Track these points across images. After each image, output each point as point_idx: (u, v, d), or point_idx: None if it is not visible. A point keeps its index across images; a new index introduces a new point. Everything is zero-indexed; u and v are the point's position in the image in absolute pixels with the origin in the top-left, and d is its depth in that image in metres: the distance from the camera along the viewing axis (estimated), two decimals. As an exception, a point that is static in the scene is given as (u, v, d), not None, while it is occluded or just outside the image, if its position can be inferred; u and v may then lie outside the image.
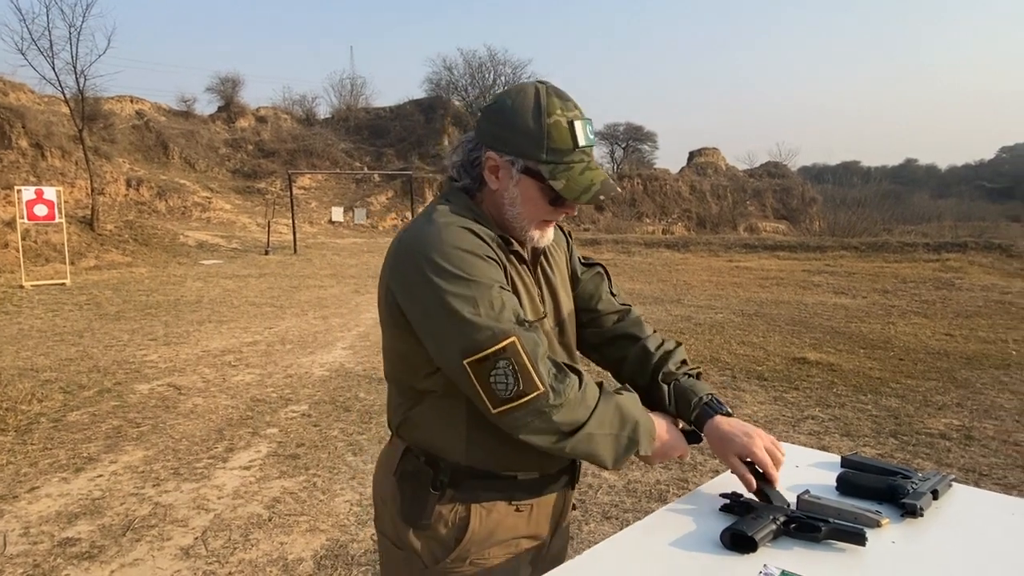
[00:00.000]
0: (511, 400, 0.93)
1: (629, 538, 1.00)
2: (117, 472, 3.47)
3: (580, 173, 1.03)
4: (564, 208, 1.08)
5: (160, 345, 6.49)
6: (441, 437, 1.06)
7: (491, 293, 0.95)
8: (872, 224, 22.38)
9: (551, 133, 1.02)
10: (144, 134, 25.04)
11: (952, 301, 9.46)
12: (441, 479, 1.05)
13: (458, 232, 1.00)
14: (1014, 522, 1.05)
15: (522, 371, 0.92)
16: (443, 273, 0.95)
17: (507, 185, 1.06)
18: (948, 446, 3.87)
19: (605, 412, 0.98)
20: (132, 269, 13.26)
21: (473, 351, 0.93)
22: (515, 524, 1.09)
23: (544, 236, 1.11)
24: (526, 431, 0.95)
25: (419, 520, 1.05)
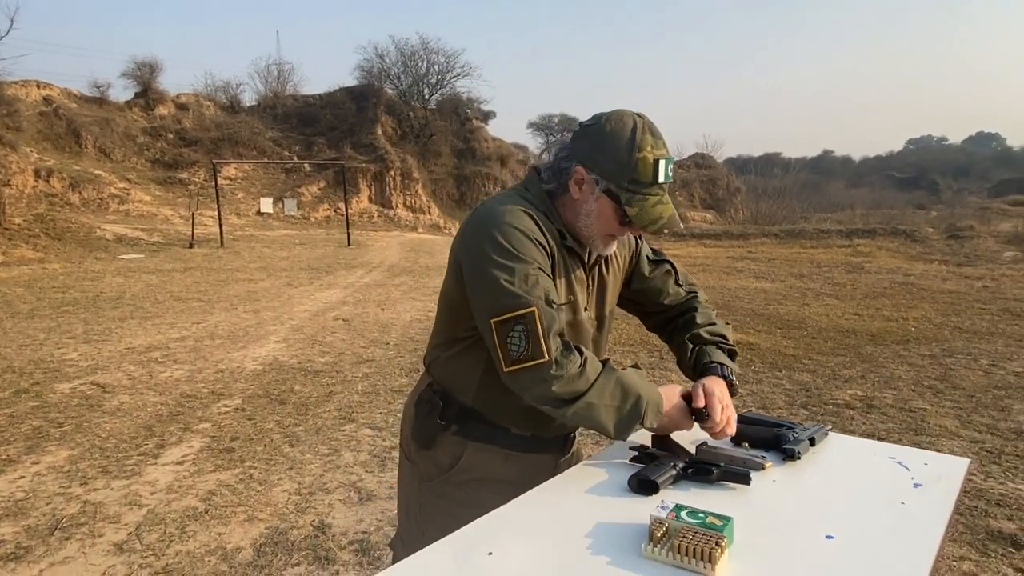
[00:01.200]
0: (520, 361, 1.08)
1: (549, 488, 1.12)
2: (40, 473, 3.35)
3: (653, 205, 1.17)
4: (631, 228, 1.22)
5: (80, 343, 6.21)
6: (458, 380, 1.26)
7: (528, 269, 1.10)
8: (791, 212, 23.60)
9: (638, 166, 1.15)
10: (53, 122, 23.49)
11: (861, 283, 10.16)
12: (449, 414, 1.24)
13: (519, 215, 1.15)
14: (875, 461, 1.23)
15: (534, 338, 1.07)
16: (495, 244, 1.11)
17: (587, 199, 1.20)
18: (852, 415, 4.22)
19: (606, 385, 1.11)
20: (45, 265, 12.51)
21: (499, 312, 1.09)
22: (501, 468, 1.26)
23: (608, 247, 1.26)
24: (530, 395, 1.11)
25: (425, 443, 1.27)
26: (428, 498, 1.29)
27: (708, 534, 0.87)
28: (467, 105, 33.96)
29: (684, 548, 0.86)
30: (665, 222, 1.18)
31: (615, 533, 0.95)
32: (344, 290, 9.88)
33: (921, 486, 1.13)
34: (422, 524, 1.28)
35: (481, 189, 31.00)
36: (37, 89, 24.54)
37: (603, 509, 1.03)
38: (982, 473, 3.27)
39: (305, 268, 12.65)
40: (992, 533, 2.69)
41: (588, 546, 0.92)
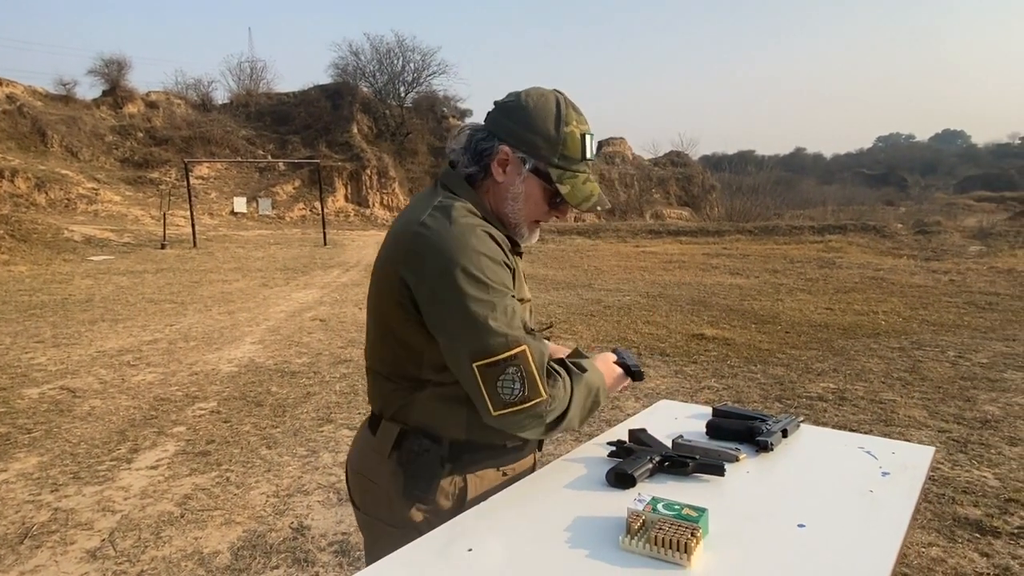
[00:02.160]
0: (514, 404, 0.99)
1: (528, 484, 1.13)
2: (8, 480, 3.27)
3: (583, 183, 1.13)
4: (558, 211, 1.16)
5: (48, 347, 6.07)
6: (443, 418, 1.11)
7: (506, 301, 1.01)
8: (765, 209, 23.94)
9: (566, 141, 1.10)
10: (17, 120, 22.88)
11: (833, 278, 10.35)
12: (442, 455, 1.10)
13: (481, 237, 1.04)
14: (845, 451, 1.27)
15: (529, 380, 0.99)
16: (468, 278, 0.99)
17: (513, 180, 1.12)
18: (824, 407, 4.30)
19: (579, 396, 1.07)
20: (10, 268, 12.19)
21: (485, 355, 0.98)
22: (501, 487, 1.17)
23: (533, 235, 1.18)
24: (521, 430, 1.03)
25: (425, 496, 1.10)
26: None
27: (684, 525, 0.89)
28: (444, 103, 33.85)
29: (660, 539, 0.87)
30: (596, 199, 1.14)
31: (593, 526, 0.96)
32: (321, 290, 9.79)
33: (889, 475, 1.16)
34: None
35: (458, 187, 30.89)
36: (0, 87, 23.87)
37: (581, 503, 1.05)
38: (949, 461, 3.37)
39: (281, 268, 12.51)
40: (959, 519, 2.77)
41: (567, 540, 0.93)
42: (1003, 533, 2.65)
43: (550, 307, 8.12)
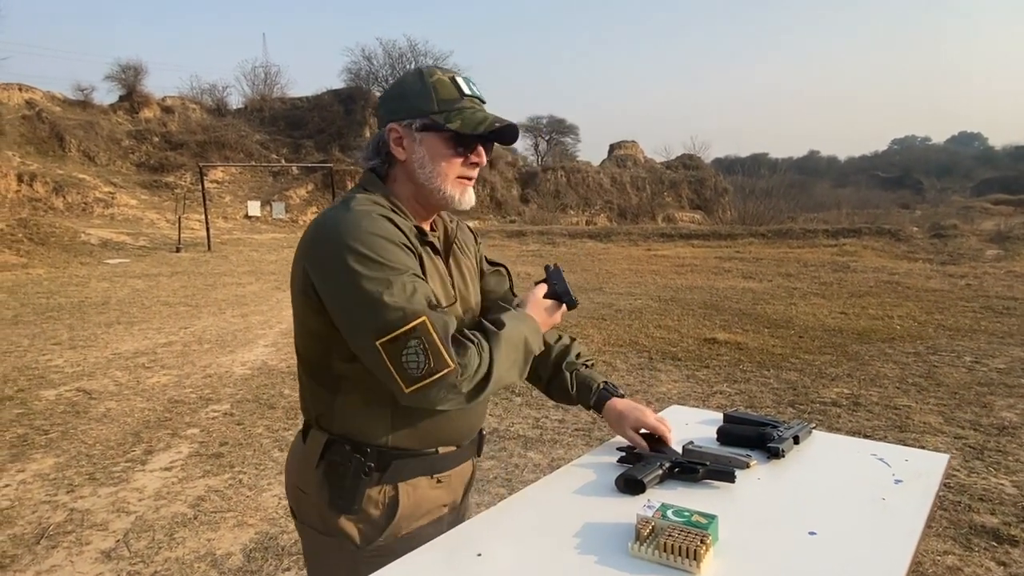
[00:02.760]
0: (423, 378, 0.97)
1: (538, 489, 1.13)
2: (26, 481, 3.32)
3: (473, 114, 1.10)
4: (470, 156, 1.13)
5: (65, 349, 6.15)
6: (366, 424, 1.09)
7: (404, 278, 1.00)
8: (778, 213, 23.75)
9: (437, 88, 1.10)
10: (36, 125, 23.23)
11: (847, 282, 10.26)
12: (368, 464, 1.08)
13: (376, 219, 1.04)
14: (857, 458, 1.26)
15: (432, 349, 0.97)
16: (360, 258, 0.99)
17: (413, 149, 1.12)
18: (839, 412, 4.26)
19: (500, 354, 1.04)
20: (28, 270, 12.37)
21: (385, 331, 0.97)
22: (437, 495, 1.17)
23: (464, 196, 1.15)
24: (441, 404, 1.01)
25: (351, 507, 1.08)
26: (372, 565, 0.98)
27: (693, 532, 0.89)
28: (455, 107, 33.91)
29: (670, 546, 0.87)
30: (491, 120, 1.10)
31: (603, 532, 0.96)
32: (333, 293, 9.84)
33: (902, 482, 1.15)
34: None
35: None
36: (19, 92, 24.26)
37: (591, 509, 1.05)
38: (965, 468, 3.32)
39: (293, 271, 12.58)
40: (975, 527, 2.73)
41: (576, 546, 0.93)
42: (1020, 542, 2.61)
43: (561, 311, 8.10)
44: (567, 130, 40.71)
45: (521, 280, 8.61)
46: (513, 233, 23.29)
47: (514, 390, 4.73)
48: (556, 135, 40.34)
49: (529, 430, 3.96)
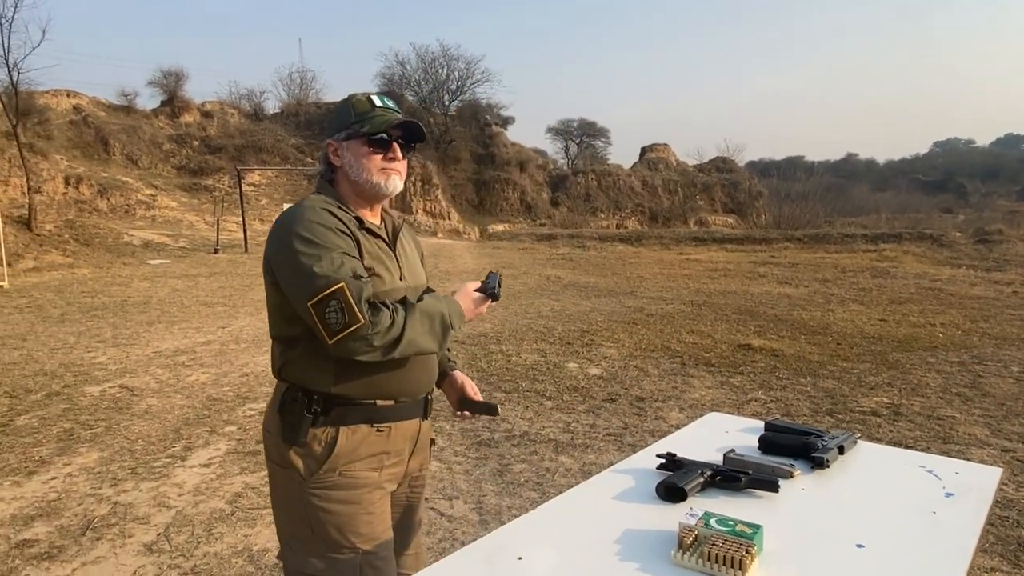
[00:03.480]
0: (341, 330, 1.20)
1: (577, 494, 1.12)
2: (72, 474, 3.42)
3: (382, 117, 1.38)
4: (386, 151, 1.39)
5: (109, 347, 6.34)
6: (313, 374, 1.32)
7: (333, 254, 1.24)
8: (815, 217, 23.30)
9: (355, 105, 1.40)
10: (82, 130, 24.04)
11: (887, 289, 10.00)
12: (315, 408, 1.31)
13: (318, 211, 1.30)
14: (905, 470, 1.22)
15: (348, 309, 1.20)
16: (300, 239, 1.25)
17: (344, 156, 1.40)
18: (878, 422, 4.15)
19: (413, 321, 1.27)
20: (74, 270, 12.80)
21: (314, 294, 1.21)
22: (376, 442, 1.36)
23: (389, 182, 1.41)
24: (358, 354, 1.23)
25: (297, 439, 1.30)
26: (313, 496, 1.31)
27: (738, 542, 0.87)
28: (487, 111, 34.11)
29: (714, 555, 0.86)
30: (394, 120, 1.38)
31: (644, 540, 0.95)
32: (365, 295, 9.96)
33: (953, 495, 1.11)
34: (311, 523, 1.31)
35: (500, 194, 31.10)
36: (67, 98, 25.15)
37: (631, 516, 1.04)
38: (1013, 482, 3.21)
39: (327, 273, 12.76)
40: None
41: (617, 552, 0.92)
42: (1074, 560, 2.50)
43: (591, 314, 8.07)
44: (598, 133, 40.57)
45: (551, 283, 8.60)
46: (543, 236, 23.28)
47: (545, 394, 4.73)
48: (587, 138, 40.23)
49: (560, 434, 3.94)
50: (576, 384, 5.00)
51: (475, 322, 7.70)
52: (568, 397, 4.68)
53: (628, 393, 4.76)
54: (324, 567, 1.30)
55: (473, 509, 2.99)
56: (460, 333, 1.34)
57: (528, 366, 5.55)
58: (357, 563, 1.31)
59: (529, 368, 5.48)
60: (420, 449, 1.49)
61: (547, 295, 9.94)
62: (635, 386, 4.94)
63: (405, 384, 1.39)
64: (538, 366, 5.55)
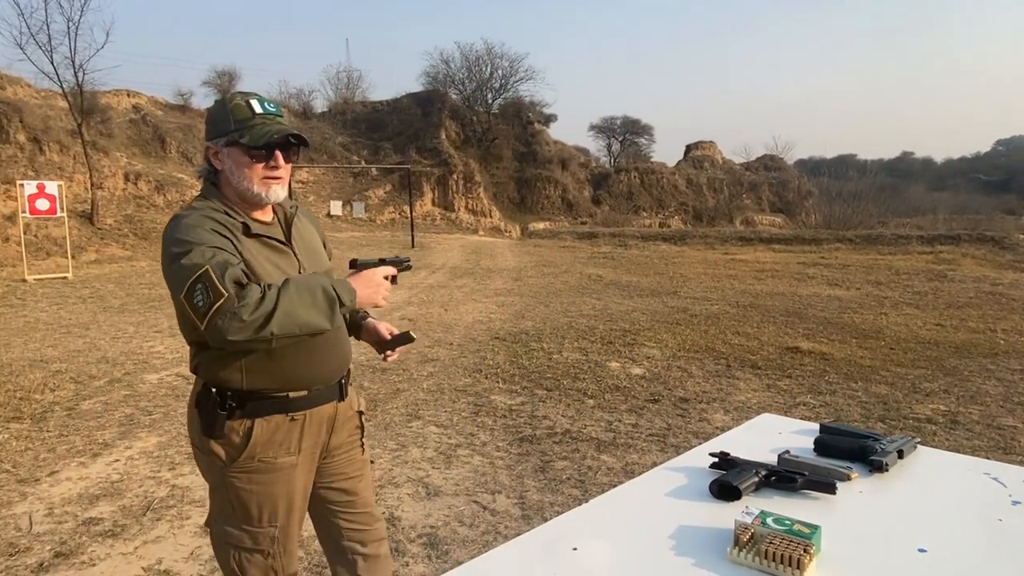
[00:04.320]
0: (208, 310, 1.20)
1: (629, 490, 1.13)
2: (133, 457, 3.59)
3: (260, 127, 1.38)
4: (267, 162, 1.40)
5: (166, 337, 6.60)
6: (225, 372, 1.37)
7: (201, 248, 1.26)
8: (867, 217, 22.57)
9: (234, 111, 1.39)
10: (141, 128, 25.03)
11: (944, 292, 9.62)
12: (229, 403, 1.37)
13: (195, 217, 1.33)
14: (968, 476, 1.19)
15: (212, 288, 1.21)
16: (175, 241, 1.29)
17: (225, 162, 1.41)
18: (934, 430, 4.01)
19: (288, 294, 1.24)
20: (133, 263, 13.34)
21: (182, 285, 1.23)
22: (291, 430, 1.44)
23: (270, 192, 1.42)
24: (230, 333, 1.20)
25: (214, 433, 1.39)
26: (235, 479, 1.42)
27: (796, 541, 0.87)
28: (529, 109, 34.12)
29: (771, 554, 0.86)
30: (274, 131, 1.37)
31: (698, 536, 0.96)
32: (409, 291, 10.10)
33: (1020, 503, 1.08)
34: (233, 502, 1.44)
35: (542, 192, 31.08)
36: (127, 98, 26.22)
37: (684, 512, 1.04)
38: (1082, 497, 3.06)
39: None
40: (1094, 562, 2.51)
41: (672, 547, 0.93)
42: None
43: (633, 314, 8.01)
44: (641, 130, 40.10)
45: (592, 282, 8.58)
46: (584, 235, 23.17)
47: (586, 393, 4.72)
48: (630, 135, 39.81)
49: (602, 433, 3.93)
50: (618, 383, 4.97)
51: (514, 320, 7.75)
52: (610, 396, 4.66)
53: (671, 394, 4.71)
54: (244, 537, 1.44)
55: (516, 504, 3.01)
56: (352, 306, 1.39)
57: (569, 364, 5.54)
58: (272, 534, 1.45)
59: (570, 366, 5.48)
60: (339, 427, 1.57)
61: (588, 294, 9.90)
62: (679, 387, 4.89)
63: (315, 373, 1.45)
64: (579, 365, 5.54)
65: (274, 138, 1.37)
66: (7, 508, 2.96)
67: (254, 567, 1.46)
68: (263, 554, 1.46)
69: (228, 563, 1.46)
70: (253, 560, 1.46)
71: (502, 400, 4.57)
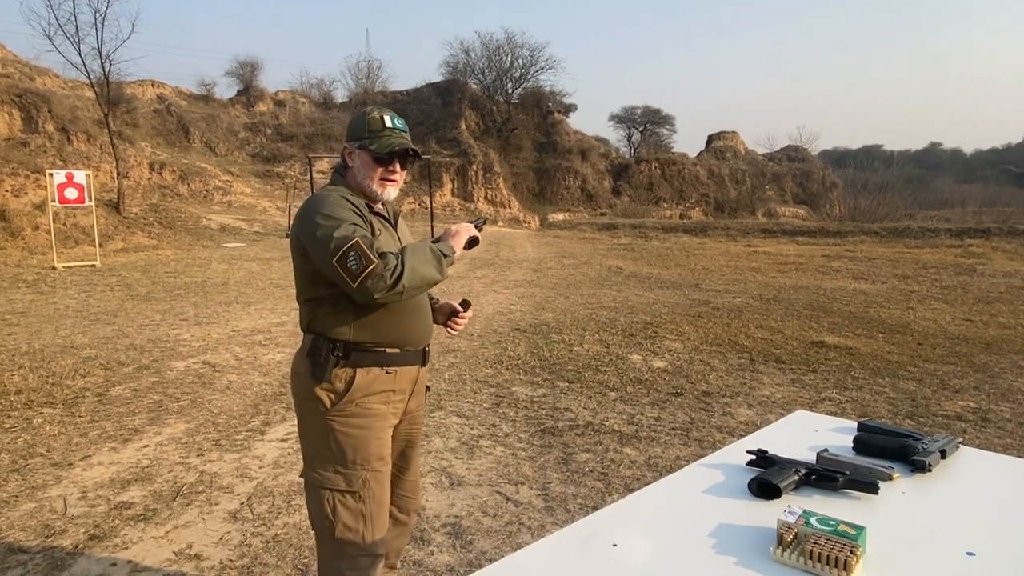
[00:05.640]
0: (360, 272, 1.49)
1: (666, 486, 1.12)
2: (162, 443, 3.65)
3: (387, 139, 1.69)
4: (388, 168, 1.71)
5: (192, 325, 6.70)
6: (338, 324, 1.64)
7: (346, 224, 1.54)
8: (893, 209, 22.15)
9: (369, 123, 1.71)
10: (166, 118, 25.32)
11: (973, 287, 9.42)
12: (337, 353, 1.63)
13: (335, 197, 1.62)
14: (1014, 477, 1.16)
15: (363, 256, 1.50)
16: (322, 215, 1.56)
17: (355, 160, 1.73)
18: (964, 427, 3.94)
19: (409, 256, 1.56)
20: (158, 251, 13.54)
21: (336, 252, 1.50)
22: (385, 381, 1.69)
23: (386, 191, 1.74)
24: (376, 291, 1.51)
25: (323, 377, 1.63)
26: (335, 422, 1.65)
27: (842, 542, 0.85)
28: (549, 99, 33.89)
29: (817, 554, 0.84)
30: (397, 143, 1.68)
31: (739, 535, 0.94)
32: (429, 281, 10.13)
33: (1070, 508, 1.05)
34: (331, 444, 1.65)
35: (561, 183, 30.92)
36: (152, 88, 26.52)
37: (724, 510, 1.03)
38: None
39: (391, 259, 13.04)
40: None
41: (712, 545, 0.92)
42: None
43: (654, 306, 7.95)
44: (662, 120, 39.64)
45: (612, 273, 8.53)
46: (604, 226, 23.05)
47: (608, 385, 4.70)
48: (651, 126, 39.39)
49: (624, 426, 3.92)
50: (640, 376, 4.95)
51: (534, 311, 7.74)
52: (632, 389, 4.64)
53: (694, 387, 4.68)
54: (339, 479, 1.64)
55: (539, 495, 3.02)
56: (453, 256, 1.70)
57: (591, 356, 5.53)
58: (364, 476, 1.65)
59: (591, 359, 5.46)
60: (418, 392, 1.84)
61: (609, 285, 9.85)
62: (701, 380, 4.86)
63: (409, 333, 1.72)
64: (600, 357, 5.52)
65: (396, 149, 1.68)
66: (42, 491, 3.03)
67: (346, 510, 1.64)
68: (355, 496, 1.64)
69: (322, 506, 1.65)
70: (346, 502, 1.64)
71: (523, 391, 4.57)
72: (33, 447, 3.53)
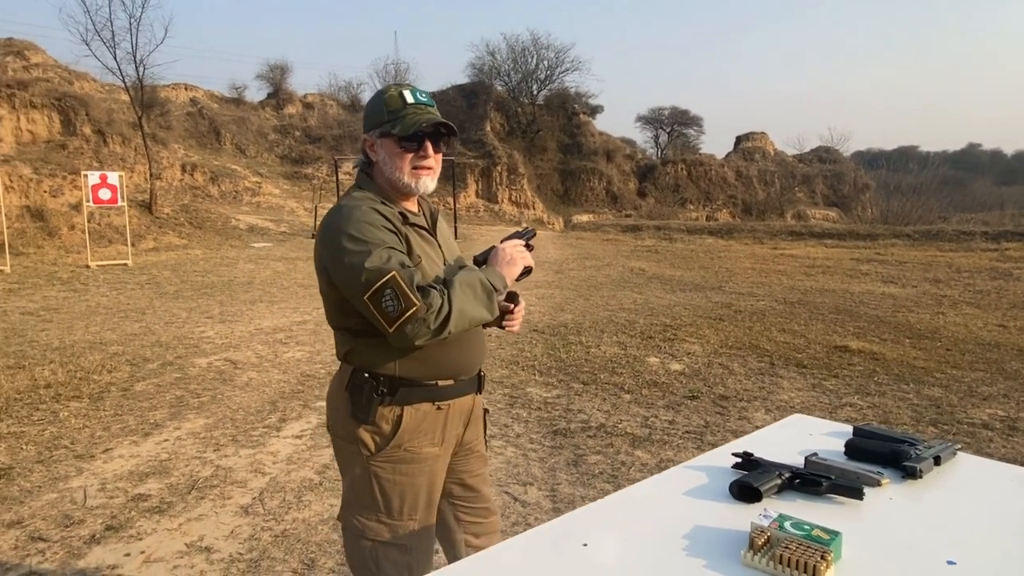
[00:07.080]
0: (399, 316, 1.26)
1: (647, 487, 1.11)
2: (181, 437, 3.73)
3: (410, 117, 1.39)
4: (418, 153, 1.41)
5: (216, 323, 6.83)
6: (378, 358, 1.40)
7: (380, 250, 1.30)
8: (927, 212, 21.61)
9: (387, 103, 1.41)
10: (198, 121, 25.90)
11: (1008, 292, 9.15)
12: (382, 389, 1.39)
13: (364, 210, 1.35)
14: (1007, 485, 1.12)
15: (402, 294, 1.26)
16: (349, 238, 1.31)
17: (379, 153, 1.44)
18: (990, 436, 3.83)
19: (456, 294, 1.32)
20: (188, 251, 13.84)
21: (367, 287, 1.27)
22: (437, 419, 1.45)
23: (421, 181, 1.44)
24: (417, 337, 1.29)
25: (366, 419, 1.40)
26: (380, 468, 1.42)
27: (813, 547, 0.84)
28: (575, 100, 33.82)
29: (786, 559, 0.83)
30: (425, 120, 1.39)
31: (713, 537, 0.93)
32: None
33: (1066, 518, 1.02)
34: (375, 492, 1.43)
35: (586, 184, 30.82)
36: (185, 91, 27.15)
37: (701, 512, 1.02)
38: None
39: (414, 259, 13.14)
40: None
41: (684, 547, 0.91)
42: None
43: (675, 308, 7.88)
44: (690, 121, 39.30)
45: (634, 275, 8.50)
46: (628, 228, 22.91)
47: (623, 387, 4.67)
48: (678, 127, 39.06)
49: (637, 428, 3.89)
50: (656, 379, 4.91)
51: (553, 312, 7.73)
52: (647, 391, 4.60)
53: (711, 391, 4.63)
54: (383, 530, 1.42)
55: (547, 496, 3.02)
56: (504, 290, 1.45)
57: (607, 358, 5.50)
58: (413, 528, 1.44)
59: (608, 360, 5.43)
60: (474, 421, 1.59)
61: (630, 287, 9.79)
62: (719, 384, 4.80)
63: (462, 362, 1.47)
64: (617, 359, 5.49)
65: (423, 127, 1.39)
66: (64, 482, 3.12)
67: (390, 563, 1.42)
68: (401, 549, 1.43)
69: (363, 558, 1.44)
70: (390, 555, 1.42)
71: (538, 392, 4.57)
72: (58, 439, 3.64)
